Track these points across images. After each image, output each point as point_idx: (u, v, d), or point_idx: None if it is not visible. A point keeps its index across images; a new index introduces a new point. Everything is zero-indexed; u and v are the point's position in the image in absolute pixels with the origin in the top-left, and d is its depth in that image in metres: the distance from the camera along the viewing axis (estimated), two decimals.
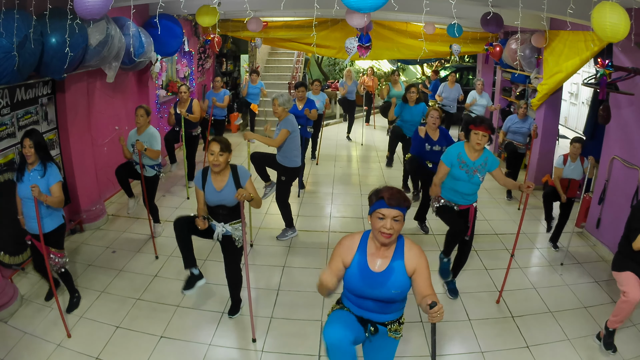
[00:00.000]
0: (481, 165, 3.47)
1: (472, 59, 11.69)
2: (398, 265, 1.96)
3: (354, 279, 1.99)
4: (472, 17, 5.29)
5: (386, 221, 1.88)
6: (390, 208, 1.87)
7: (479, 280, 4.07)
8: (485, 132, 3.36)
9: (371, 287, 1.96)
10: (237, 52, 10.57)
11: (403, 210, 1.90)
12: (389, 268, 1.96)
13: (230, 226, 3.23)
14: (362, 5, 2.59)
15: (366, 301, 2.04)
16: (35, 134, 3.22)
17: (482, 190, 6.44)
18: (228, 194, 3.10)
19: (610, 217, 4.63)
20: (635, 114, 4.26)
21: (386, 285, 1.94)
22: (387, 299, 1.97)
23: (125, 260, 4.28)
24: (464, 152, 3.48)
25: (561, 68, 5.40)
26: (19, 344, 3.09)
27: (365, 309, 2.07)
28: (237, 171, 3.14)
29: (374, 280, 1.96)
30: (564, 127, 7.85)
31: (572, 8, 2.86)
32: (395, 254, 1.98)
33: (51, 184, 3.20)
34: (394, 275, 1.95)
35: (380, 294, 1.96)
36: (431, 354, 2.02)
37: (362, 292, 1.99)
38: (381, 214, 1.89)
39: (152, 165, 4.51)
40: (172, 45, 5.84)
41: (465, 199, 3.59)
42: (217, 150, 3.02)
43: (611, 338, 3.09)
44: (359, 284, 1.98)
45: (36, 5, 3.17)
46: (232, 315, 3.49)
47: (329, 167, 7.36)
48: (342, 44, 6.85)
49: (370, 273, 1.96)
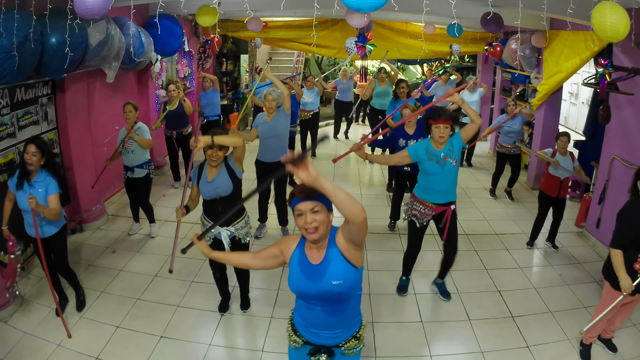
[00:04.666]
0: (449, 150, 3.38)
1: (472, 59, 11.70)
2: (333, 252, 1.89)
3: (295, 276, 1.95)
4: (472, 17, 5.29)
5: (305, 216, 1.80)
6: (303, 201, 1.80)
7: (479, 280, 4.07)
8: (447, 124, 3.29)
9: (312, 280, 1.89)
10: (237, 52, 10.56)
11: (319, 199, 1.81)
12: (325, 257, 1.89)
13: (232, 227, 3.21)
14: (362, 5, 2.60)
15: (314, 308, 1.96)
16: (40, 140, 3.19)
17: (482, 190, 6.45)
18: (220, 182, 3.08)
19: (610, 217, 4.62)
20: (635, 114, 4.27)
21: (326, 276, 1.87)
22: (331, 293, 1.88)
23: (125, 260, 4.28)
24: (430, 146, 3.42)
25: (561, 68, 5.40)
26: (19, 344, 3.10)
27: (314, 325, 2.00)
28: (227, 160, 3.14)
29: (313, 273, 1.89)
30: (564, 127, 7.85)
31: (572, 8, 2.86)
32: (329, 243, 1.91)
33: (49, 193, 3.13)
34: (332, 264, 1.88)
35: (323, 287, 1.87)
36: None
37: (305, 288, 1.92)
38: (298, 210, 1.82)
39: (142, 165, 4.52)
40: (172, 45, 5.84)
41: (443, 196, 3.48)
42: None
43: (588, 351, 3.10)
44: (300, 280, 1.92)
45: (36, 5, 3.17)
46: (245, 309, 3.56)
47: (327, 166, 7.35)
48: (342, 44, 6.88)
49: (310, 266, 1.91)
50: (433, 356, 3.13)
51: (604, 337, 3.19)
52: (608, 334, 3.16)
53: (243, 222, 3.26)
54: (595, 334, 3.08)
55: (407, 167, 4.62)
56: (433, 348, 3.19)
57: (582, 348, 3.12)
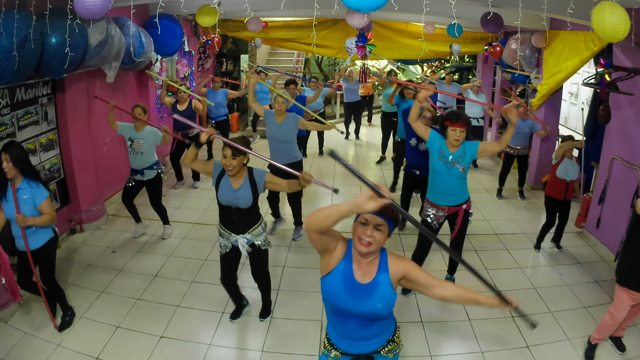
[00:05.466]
0: (460, 156, 3.39)
1: (472, 59, 11.70)
2: (384, 278, 1.85)
3: (337, 290, 1.86)
4: (472, 17, 5.29)
5: (367, 228, 1.77)
6: (375, 215, 1.74)
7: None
8: (463, 128, 3.30)
9: (356, 299, 1.83)
10: (237, 52, 10.57)
11: (388, 222, 1.78)
12: (375, 280, 1.84)
13: (249, 234, 3.12)
14: (362, 5, 2.60)
15: (347, 323, 1.90)
16: (13, 146, 2.98)
17: (482, 190, 6.45)
18: (243, 194, 2.99)
19: (610, 217, 4.63)
20: (635, 114, 4.26)
21: (372, 299, 1.82)
22: (371, 314, 1.84)
23: (125, 260, 4.28)
24: (444, 145, 3.43)
25: (561, 68, 5.40)
26: (19, 344, 3.09)
27: (348, 337, 1.95)
28: (252, 173, 3.04)
29: (359, 292, 1.83)
30: (564, 127, 7.84)
31: (572, 8, 2.87)
32: (380, 267, 1.86)
33: (38, 203, 2.98)
34: (380, 288, 1.83)
35: (365, 308, 1.83)
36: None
37: (344, 305, 1.85)
38: (364, 219, 1.77)
39: (151, 166, 4.49)
40: (172, 45, 5.84)
41: (451, 198, 3.50)
42: (229, 154, 2.89)
43: (592, 351, 3.11)
44: (342, 296, 1.85)
45: (36, 5, 3.17)
46: (263, 318, 3.48)
47: (330, 166, 7.35)
48: (342, 44, 6.88)
49: (356, 284, 1.84)
50: (433, 356, 3.13)
51: (614, 336, 3.18)
52: (618, 332, 3.16)
53: (260, 229, 3.16)
54: (604, 336, 3.07)
55: (417, 170, 4.63)
56: (433, 348, 3.19)
57: (588, 347, 3.12)
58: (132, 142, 4.41)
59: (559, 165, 4.41)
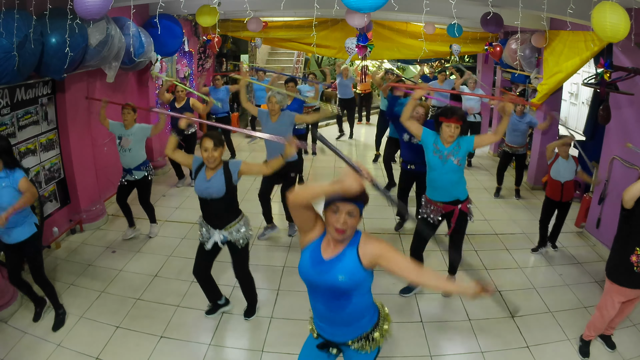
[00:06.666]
0: (454, 149, 3.39)
1: (472, 58, 11.69)
2: (350, 252, 1.88)
3: (304, 264, 1.94)
4: (472, 17, 5.29)
5: (340, 215, 1.80)
6: (345, 201, 1.79)
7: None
8: (458, 124, 3.30)
9: (319, 273, 1.89)
10: (237, 52, 10.57)
11: (359, 205, 1.83)
12: (339, 255, 1.89)
13: (226, 231, 3.15)
14: (362, 5, 2.60)
15: (317, 299, 1.98)
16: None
17: (482, 190, 6.45)
18: (215, 183, 3.03)
19: (610, 217, 4.62)
20: (635, 114, 4.26)
21: (333, 271, 1.86)
22: (333, 288, 1.87)
23: (125, 260, 4.28)
24: (438, 140, 3.43)
25: (561, 68, 5.40)
26: (19, 344, 3.10)
27: (320, 318, 2.02)
28: (227, 165, 3.09)
29: (322, 267, 1.89)
30: (563, 127, 7.85)
31: (572, 8, 2.86)
32: (349, 244, 1.90)
33: (17, 185, 2.98)
34: (344, 261, 1.87)
35: (326, 281, 1.87)
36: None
37: (311, 278, 1.92)
38: (336, 206, 1.81)
39: (139, 166, 4.48)
40: (172, 45, 5.84)
41: (446, 194, 3.50)
42: (210, 146, 2.95)
43: (587, 347, 3.12)
44: (309, 270, 1.92)
45: (36, 5, 3.17)
46: (248, 317, 3.47)
47: (330, 166, 7.35)
48: (342, 44, 6.88)
49: (320, 259, 1.90)
50: (433, 356, 3.13)
51: (604, 334, 3.20)
52: (608, 331, 3.17)
53: (237, 226, 3.16)
54: (595, 333, 3.09)
55: (412, 165, 4.63)
56: (433, 348, 3.19)
57: (582, 344, 3.14)
58: (120, 140, 4.42)
59: (552, 165, 4.42)
